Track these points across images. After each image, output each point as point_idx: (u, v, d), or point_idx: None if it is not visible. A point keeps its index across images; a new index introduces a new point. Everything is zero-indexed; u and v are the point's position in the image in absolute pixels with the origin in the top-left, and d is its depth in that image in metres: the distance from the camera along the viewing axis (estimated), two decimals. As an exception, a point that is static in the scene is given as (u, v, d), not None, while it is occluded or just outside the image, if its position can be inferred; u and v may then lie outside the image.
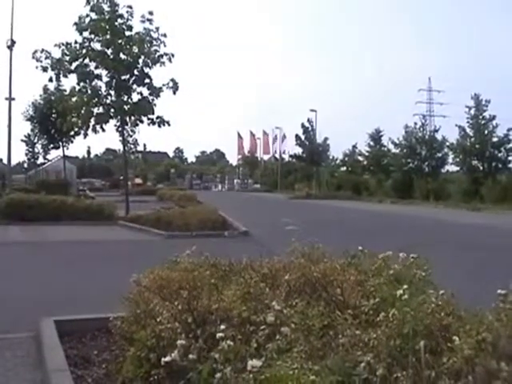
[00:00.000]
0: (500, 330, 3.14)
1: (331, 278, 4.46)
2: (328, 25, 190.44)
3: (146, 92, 23.23)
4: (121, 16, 22.74)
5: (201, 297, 4.31)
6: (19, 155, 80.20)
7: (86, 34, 22.45)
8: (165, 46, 23.02)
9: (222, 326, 3.58)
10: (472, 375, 2.90)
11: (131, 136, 23.88)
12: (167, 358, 3.37)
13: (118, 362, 4.61)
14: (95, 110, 22.96)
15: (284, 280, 4.55)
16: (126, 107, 22.97)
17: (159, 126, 23.37)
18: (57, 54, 22.45)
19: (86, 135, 23.55)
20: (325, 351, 3.43)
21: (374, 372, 3.10)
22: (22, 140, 47.77)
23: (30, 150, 48.75)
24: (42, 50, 22.31)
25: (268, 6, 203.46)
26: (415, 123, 53.08)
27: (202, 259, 5.29)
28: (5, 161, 34.99)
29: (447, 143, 49.45)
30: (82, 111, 22.55)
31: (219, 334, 3.40)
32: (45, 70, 22.58)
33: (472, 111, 45.07)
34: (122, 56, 22.79)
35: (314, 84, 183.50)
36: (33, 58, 22.35)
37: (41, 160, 48.90)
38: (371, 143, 61.92)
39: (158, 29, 22.90)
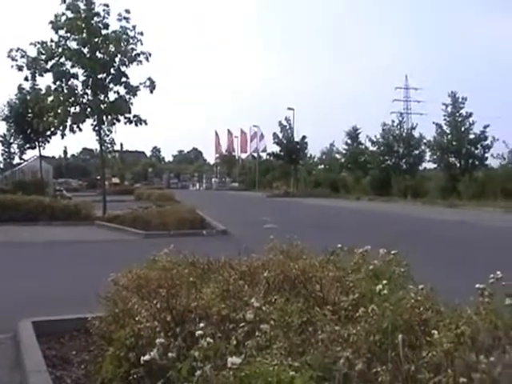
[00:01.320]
0: (479, 324, 3.17)
1: (310, 274, 4.46)
2: (304, 23, 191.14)
3: (122, 91, 23.12)
4: (97, 14, 22.54)
5: (179, 295, 4.28)
6: (-5, 156, 79.38)
7: (61, 32, 22.26)
8: (141, 44, 22.94)
9: (201, 324, 3.56)
10: (451, 368, 2.92)
11: (108, 135, 23.86)
12: (146, 357, 3.35)
13: (97, 362, 4.57)
14: (72, 110, 22.79)
15: (263, 277, 4.54)
16: (102, 106, 22.80)
17: (136, 125, 23.27)
18: (32, 52, 22.29)
19: (63, 135, 23.47)
20: (304, 347, 3.43)
21: (353, 367, 3.10)
22: (-2, 140, 47.23)
23: (6, 150, 48.16)
24: (18, 49, 22.13)
25: (244, 3, 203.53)
26: (392, 121, 53.20)
27: (180, 258, 5.27)
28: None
29: (424, 140, 49.64)
30: (59, 111, 22.35)
31: (198, 332, 3.37)
32: (20, 69, 22.39)
33: (449, 109, 45.32)
34: (99, 55, 22.62)
35: (292, 82, 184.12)
36: (8, 56, 22.14)
37: (17, 160, 48.38)
38: (348, 141, 61.93)
39: (134, 27, 22.81)
